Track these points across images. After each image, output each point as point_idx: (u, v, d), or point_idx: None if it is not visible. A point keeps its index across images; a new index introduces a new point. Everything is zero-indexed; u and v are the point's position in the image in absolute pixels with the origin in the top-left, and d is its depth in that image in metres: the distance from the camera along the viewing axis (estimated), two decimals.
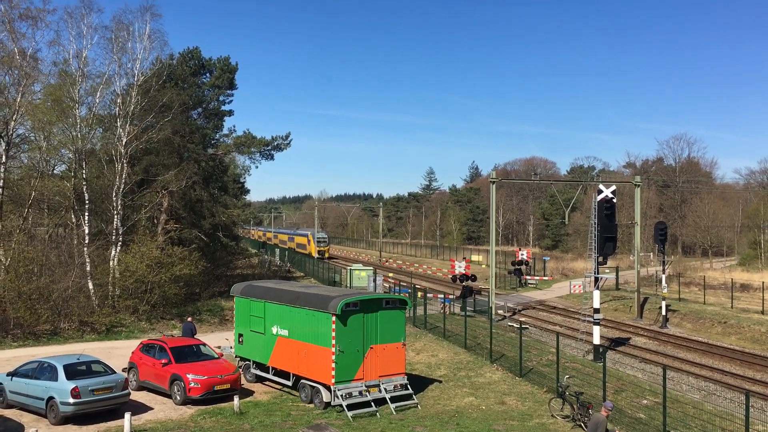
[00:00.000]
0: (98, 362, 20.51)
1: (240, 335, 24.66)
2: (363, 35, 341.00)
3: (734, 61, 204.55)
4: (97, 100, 38.56)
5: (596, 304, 29.57)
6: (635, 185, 42.41)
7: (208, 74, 51.79)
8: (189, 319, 28.92)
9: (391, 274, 59.43)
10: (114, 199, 38.07)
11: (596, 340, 29.12)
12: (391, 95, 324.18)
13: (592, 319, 29.71)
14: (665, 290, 40.18)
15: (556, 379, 21.98)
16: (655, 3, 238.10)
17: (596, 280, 29.92)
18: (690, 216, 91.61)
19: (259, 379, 24.12)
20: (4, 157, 35.00)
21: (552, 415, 19.88)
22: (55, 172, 41.33)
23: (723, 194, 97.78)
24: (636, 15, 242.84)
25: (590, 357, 29.22)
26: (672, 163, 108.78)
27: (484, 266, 68.19)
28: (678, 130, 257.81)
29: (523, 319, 40.41)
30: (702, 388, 25.16)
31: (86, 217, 37.06)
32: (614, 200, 30.22)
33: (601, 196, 29.90)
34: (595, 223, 29.90)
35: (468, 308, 37.59)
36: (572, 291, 51.65)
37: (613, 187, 30.34)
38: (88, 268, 36.01)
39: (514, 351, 26.87)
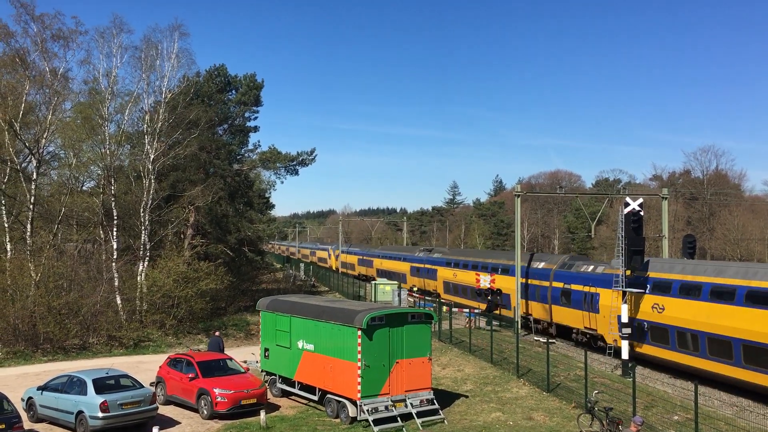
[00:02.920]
0: (126, 376, 20.71)
1: (266, 349, 24.73)
2: (387, 51, 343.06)
3: (763, 71, 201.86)
4: (126, 118, 39.31)
5: (624, 319, 29.20)
6: (662, 198, 41.90)
7: (234, 91, 52.40)
8: (217, 333, 29.10)
9: (415, 288, 59.28)
10: (141, 214, 38.55)
11: (625, 355, 28.71)
12: (414, 110, 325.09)
13: (620, 334, 29.32)
14: None
15: (584, 395, 21.71)
16: (682, 15, 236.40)
17: (624, 293, 29.57)
18: (719, 229, 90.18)
19: (285, 394, 24.16)
20: (34, 173, 35.68)
21: (581, 431, 19.62)
22: (84, 188, 42.09)
23: (752, 206, 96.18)
24: (661, 26, 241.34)
25: (619, 372, 28.82)
26: (699, 175, 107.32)
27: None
28: (705, 142, 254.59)
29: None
30: (734, 403, 24.65)
31: (114, 233, 37.57)
32: (641, 213, 29.90)
33: (628, 208, 29.60)
34: (622, 236, 29.59)
35: (494, 322, 37.33)
36: None
37: (640, 200, 30.03)
38: (116, 283, 36.44)
39: (541, 366, 26.59)
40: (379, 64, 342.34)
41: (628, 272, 29.78)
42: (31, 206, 35.05)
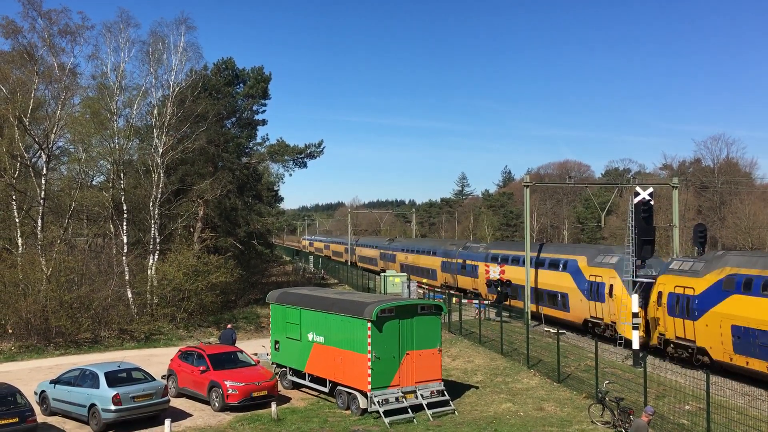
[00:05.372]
0: (138, 369, 20.82)
1: (276, 342, 24.81)
2: (394, 43, 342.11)
3: None
4: (134, 112, 39.38)
5: (635, 309, 29.08)
6: (673, 187, 41.65)
7: (242, 84, 52.34)
8: (229, 326, 29.19)
9: (425, 280, 59.26)
10: (151, 208, 38.68)
11: (635, 345, 28.62)
12: (422, 101, 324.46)
13: (630, 324, 29.22)
14: None
15: (595, 385, 21.67)
16: (691, 2, 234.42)
17: (634, 283, 29.46)
18: (730, 218, 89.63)
19: (296, 386, 24.24)
20: (44, 168, 35.83)
21: (592, 421, 19.60)
22: (93, 183, 42.23)
23: (764, 195, 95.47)
24: (671, 14, 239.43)
25: (630, 362, 28.74)
26: (710, 164, 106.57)
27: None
28: (715, 130, 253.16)
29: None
30: (747, 392, 24.55)
31: (124, 227, 37.72)
32: (651, 202, 29.73)
33: (638, 198, 29.44)
34: (632, 226, 29.45)
35: (503, 313, 37.30)
36: None
37: (651, 189, 29.85)
38: (126, 277, 36.61)
39: (551, 356, 26.56)
40: (387, 55, 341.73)
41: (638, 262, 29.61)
42: (41, 201, 35.22)
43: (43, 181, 35.38)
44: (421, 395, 20.87)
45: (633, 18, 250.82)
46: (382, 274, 53.54)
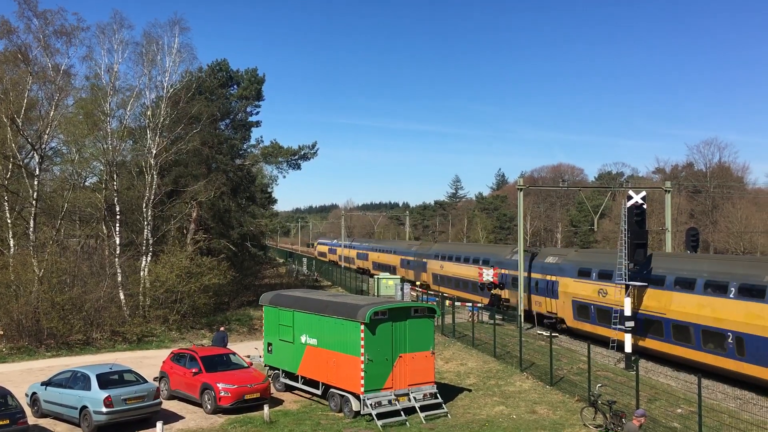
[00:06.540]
0: (130, 371, 20.75)
1: (269, 344, 24.76)
2: (388, 45, 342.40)
3: (766, 64, 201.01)
4: (128, 113, 39.27)
5: (627, 312, 29.17)
6: (665, 191, 41.80)
7: (236, 86, 52.32)
8: (222, 328, 29.13)
9: (418, 283, 59.25)
10: (144, 210, 38.57)
11: (628, 348, 28.71)
12: (416, 104, 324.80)
13: (623, 327, 29.30)
14: None
15: (587, 388, 21.71)
16: (684, 6, 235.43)
17: (627, 287, 29.55)
18: (722, 222, 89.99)
19: (289, 388, 24.19)
20: (37, 169, 35.68)
21: (584, 425, 19.62)
22: (86, 184, 42.06)
23: (755, 199, 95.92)
24: (664, 19, 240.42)
25: (622, 365, 28.81)
26: (702, 168, 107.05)
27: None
28: (708, 134, 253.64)
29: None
30: (738, 396, 24.64)
31: (117, 228, 37.59)
32: (644, 206, 29.86)
33: (631, 202, 29.57)
34: (625, 229, 29.56)
35: (497, 316, 37.34)
36: None
37: (644, 193, 29.99)
38: (119, 279, 36.48)
39: (544, 359, 26.59)
40: (381, 58, 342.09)
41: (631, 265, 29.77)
42: (33, 202, 35.06)
43: (36, 182, 35.23)
44: (414, 398, 20.85)
45: (627, 23, 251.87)
46: (376, 276, 53.54)
